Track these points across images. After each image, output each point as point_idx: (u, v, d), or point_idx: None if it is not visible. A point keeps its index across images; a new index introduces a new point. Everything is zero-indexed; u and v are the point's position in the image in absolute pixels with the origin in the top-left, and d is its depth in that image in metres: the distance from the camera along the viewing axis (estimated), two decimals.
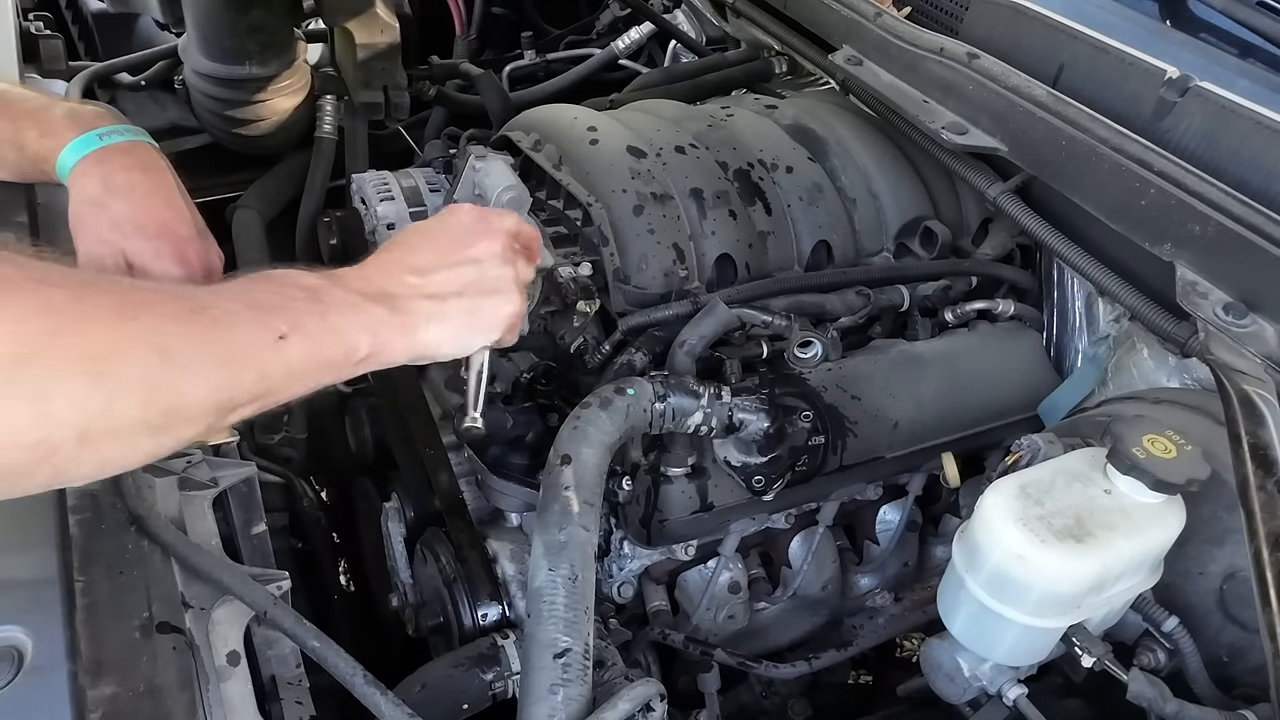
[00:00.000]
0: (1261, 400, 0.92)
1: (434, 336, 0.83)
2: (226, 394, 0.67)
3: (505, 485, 1.22)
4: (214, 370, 0.66)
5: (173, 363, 0.63)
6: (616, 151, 1.26)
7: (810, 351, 1.19)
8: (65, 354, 0.59)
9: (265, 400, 0.70)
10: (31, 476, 0.59)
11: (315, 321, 0.73)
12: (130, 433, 0.62)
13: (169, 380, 0.63)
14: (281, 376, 0.70)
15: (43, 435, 0.58)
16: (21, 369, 0.56)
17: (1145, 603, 0.99)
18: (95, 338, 0.60)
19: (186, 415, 0.65)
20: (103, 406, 0.60)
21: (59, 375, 0.58)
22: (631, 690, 0.86)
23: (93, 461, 0.62)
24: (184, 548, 0.84)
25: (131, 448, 0.64)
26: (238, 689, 0.81)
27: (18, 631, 0.67)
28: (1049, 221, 1.23)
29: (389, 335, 0.79)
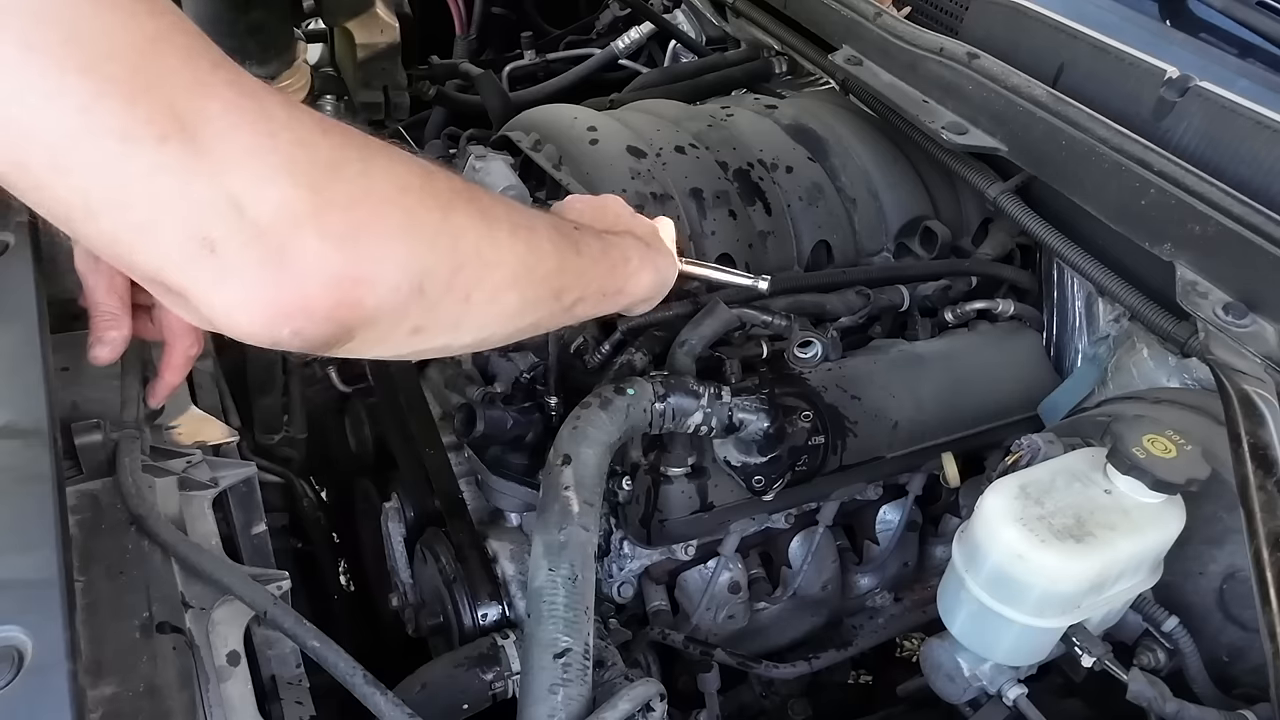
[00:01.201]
0: (1261, 400, 0.92)
1: (664, 262, 1.00)
2: (558, 263, 0.81)
3: (505, 485, 1.22)
4: (552, 236, 0.80)
5: (524, 218, 0.78)
6: (616, 151, 1.27)
7: (810, 351, 1.19)
8: (450, 188, 0.69)
9: (580, 290, 0.85)
10: (450, 291, 0.68)
11: (598, 235, 0.91)
12: (508, 267, 0.73)
13: (524, 225, 0.77)
14: (591, 262, 0.87)
15: (452, 242, 0.68)
16: (425, 189, 0.66)
17: (1145, 603, 0.99)
18: (468, 189, 0.72)
19: (539, 277, 0.78)
20: (486, 230, 0.71)
21: (453, 201, 0.69)
22: (631, 690, 0.86)
23: (485, 291, 0.72)
24: (184, 548, 0.84)
25: (508, 285, 0.74)
26: (238, 689, 0.81)
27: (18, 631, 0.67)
28: (1049, 221, 1.23)
29: (643, 259, 0.96)
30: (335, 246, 0.58)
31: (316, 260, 0.57)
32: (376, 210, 0.61)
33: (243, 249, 0.55)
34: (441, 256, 0.66)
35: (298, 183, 0.56)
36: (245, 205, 0.54)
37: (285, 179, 0.56)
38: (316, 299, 0.58)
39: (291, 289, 0.57)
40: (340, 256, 0.58)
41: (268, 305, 0.57)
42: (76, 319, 0.91)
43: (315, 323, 0.59)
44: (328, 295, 0.58)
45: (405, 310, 0.64)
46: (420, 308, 0.65)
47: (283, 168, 0.56)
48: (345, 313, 0.60)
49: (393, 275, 0.62)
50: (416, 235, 0.64)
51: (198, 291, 0.56)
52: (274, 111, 0.57)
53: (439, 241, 0.66)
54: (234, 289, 0.56)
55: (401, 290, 0.62)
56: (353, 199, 0.59)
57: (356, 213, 0.59)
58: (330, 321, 0.59)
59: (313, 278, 0.58)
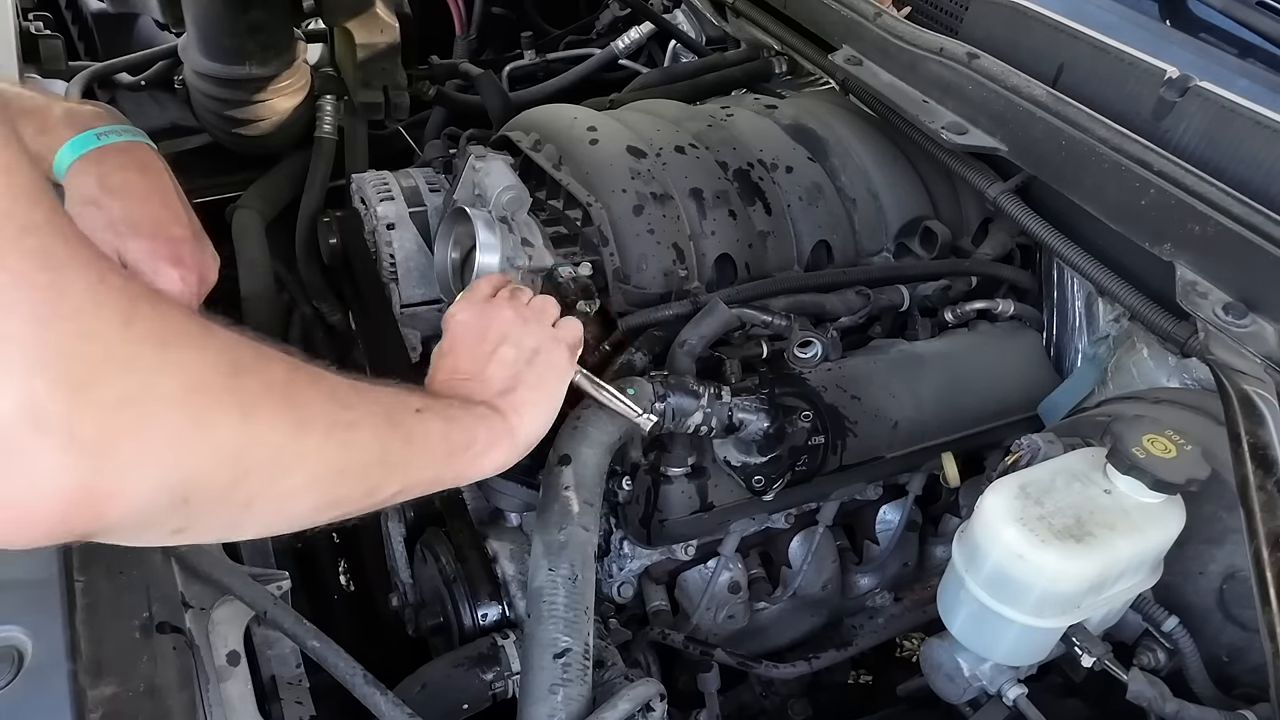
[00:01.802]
0: (1261, 400, 0.92)
1: (536, 422, 0.90)
2: (379, 454, 0.72)
3: (505, 485, 1.22)
4: (372, 427, 0.72)
5: (343, 407, 0.69)
6: (616, 151, 1.26)
7: (810, 351, 1.19)
8: (262, 381, 0.62)
9: (403, 480, 0.76)
10: (229, 498, 0.61)
11: (442, 407, 0.82)
12: (311, 470, 0.66)
13: (341, 422, 0.68)
14: (420, 450, 0.77)
15: (243, 448, 0.60)
16: (229, 385, 0.59)
17: (1145, 603, 0.99)
18: (280, 373, 0.64)
19: (351, 471, 0.70)
20: (292, 432, 0.63)
21: (259, 396, 0.61)
22: (631, 690, 0.86)
23: (277, 494, 0.65)
24: (184, 548, 0.84)
25: (309, 487, 0.67)
26: (238, 689, 0.81)
27: (18, 631, 0.67)
28: (1049, 221, 1.23)
29: (497, 431, 0.86)
30: (80, 456, 0.51)
31: (53, 471, 0.50)
32: (150, 414, 0.54)
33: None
34: (221, 465, 0.59)
35: (56, 380, 0.49)
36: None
37: (42, 374, 0.49)
38: (44, 511, 0.51)
39: (13, 498, 0.50)
40: (84, 467, 0.51)
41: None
42: None
43: (42, 533, 0.52)
44: (58, 508, 0.52)
45: (162, 518, 0.58)
46: (183, 515, 0.59)
47: (45, 361, 0.49)
48: (81, 524, 0.53)
49: (148, 488, 0.55)
50: (194, 443, 0.57)
51: None
52: (72, 293, 0.50)
53: (222, 450, 0.59)
54: None
55: (158, 501, 0.56)
56: (123, 401, 0.53)
57: (121, 417, 0.53)
58: (61, 532, 0.53)
59: (43, 489, 0.51)
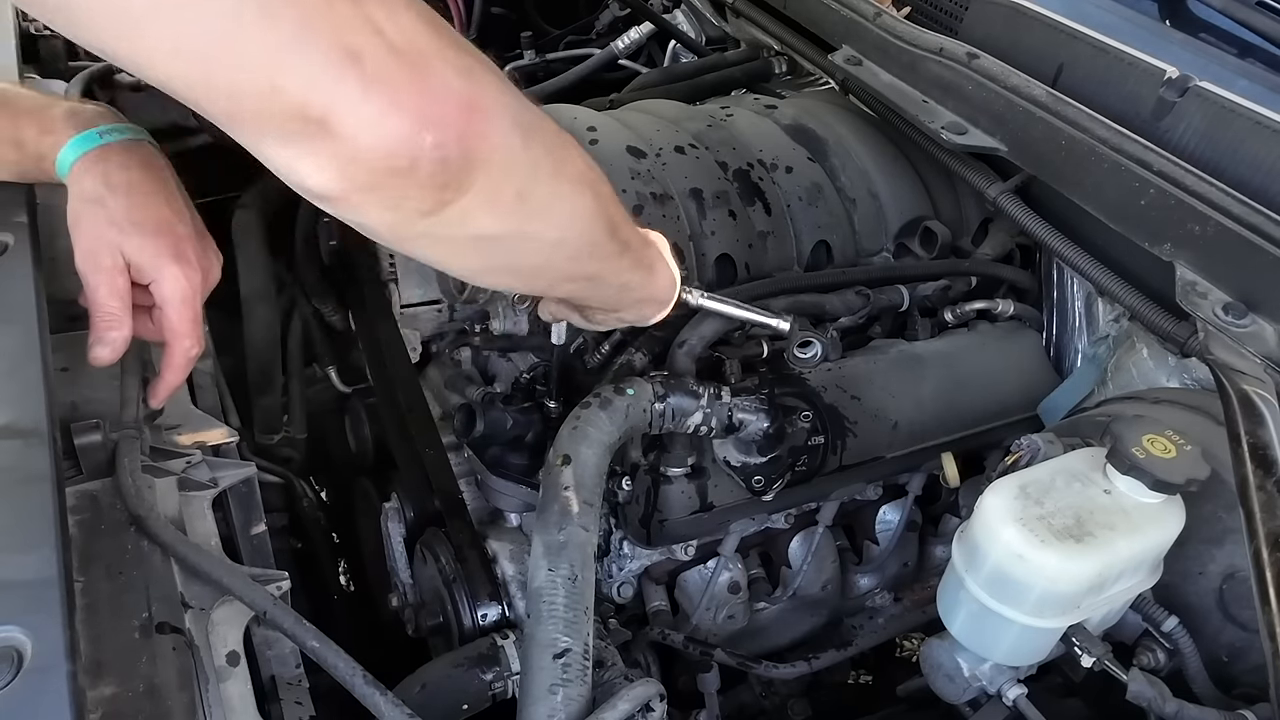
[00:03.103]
0: (1261, 400, 0.92)
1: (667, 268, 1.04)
2: (587, 276, 0.90)
3: (505, 485, 1.22)
4: (594, 264, 0.88)
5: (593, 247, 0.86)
6: (616, 151, 1.26)
7: (810, 351, 1.19)
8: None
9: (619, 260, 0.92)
10: (544, 156, 0.74)
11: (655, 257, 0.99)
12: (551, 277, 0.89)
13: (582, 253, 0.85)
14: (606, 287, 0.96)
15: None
16: None
17: (1145, 603, 0.99)
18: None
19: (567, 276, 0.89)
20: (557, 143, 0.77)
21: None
22: (631, 690, 0.86)
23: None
24: (184, 548, 0.84)
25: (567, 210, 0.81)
26: (237, 689, 0.81)
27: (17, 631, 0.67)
28: (1049, 221, 1.23)
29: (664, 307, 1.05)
30: (459, 76, 0.63)
31: (448, 80, 0.62)
32: (483, 65, 0.66)
33: (384, 59, 0.59)
34: (535, 127, 0.71)
35: (421, 18, 0.62)
36: (383, 27, 0.59)
37: (414, 16, 0.61)
38: (452, 112, 0.63)
39: (432, 97, 0.61)
40: (465, 85, 0.63)
41: (413, 111, 0.60)
42: (76, 319, 0.91)
43: (451, 138, 0.63)
44: (460, 113, 0.63)
45: (515, 161, 0.69)
46: (526, 164, 0.70)
47: (409, 7, 0.61)
48: (473, 139, 0.64)
49: (506, 119, 0.67)
50: (516, 100, 0.69)
51: (345, 104, 0.58)
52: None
53: (532, 114, 0.71)
54: (380, 96, 0.59)
55: (513, 137, 0.68)
56: (465, 48, 0.65)
57: (469, 59, 0.65)
58: (461, 143, 0.63)
59: (447, 94, 0.62)
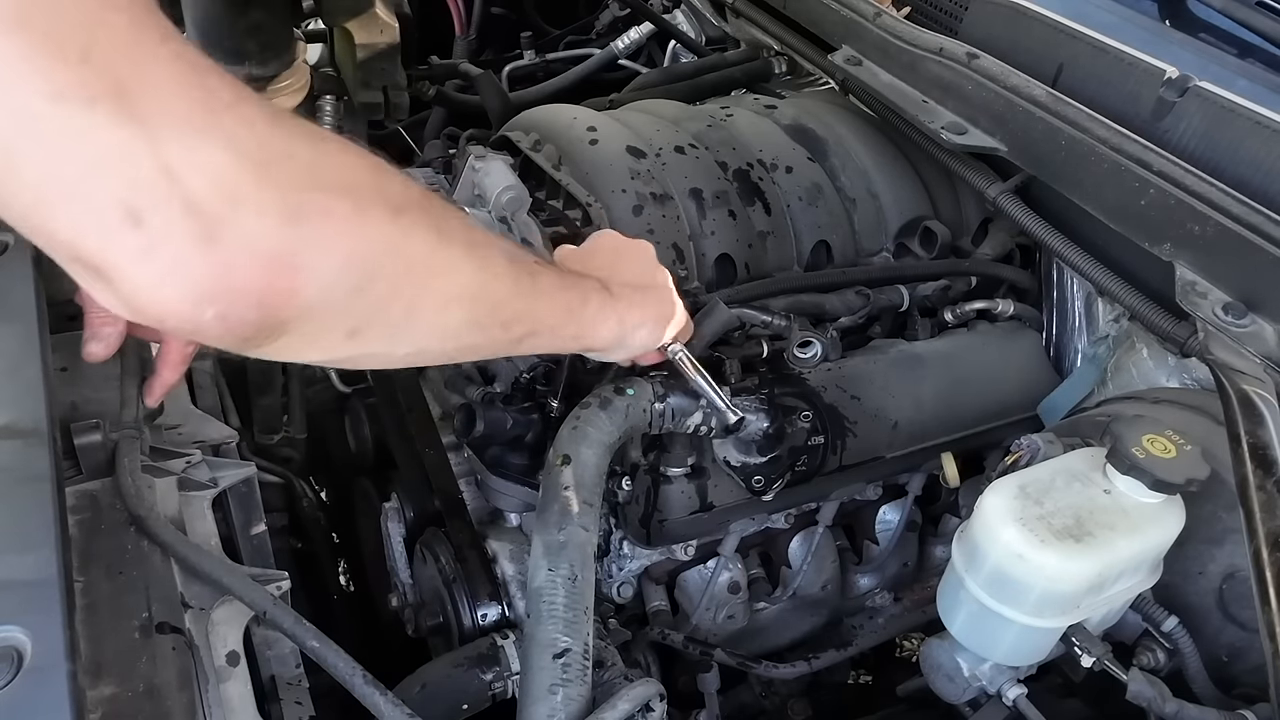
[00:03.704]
0: (1261, 400, 0.92)
1: (646, 331, 0.96)
2: (524, 327, 0.80)
3: (505, 485, 1.22)
4: (518, 327, 0.79)
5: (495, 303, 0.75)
6: (616, 151, 1.26)
7: (810, 351, 1.19)
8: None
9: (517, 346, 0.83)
10: (396, 291, 0.66)
11: (591, 315, 0.89)
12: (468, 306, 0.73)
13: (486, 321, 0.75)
14: (536, 346, 0.86)
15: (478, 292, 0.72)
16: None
17: (1145, 603, 0.99)
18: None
19: (497, 320, 0.77)
20: (436, 243, 0.68)
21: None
22: (631, 690, 0.86)
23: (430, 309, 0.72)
24: (184, 548, 0.84)
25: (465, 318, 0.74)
26: (237, 689, 0.81)
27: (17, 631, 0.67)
28: (1048, 221, 1.23)
29: (614, 324, 0.92)
30: (276, 225, 0.54)
31: (253, 237, 0.53)
32: (323, 198, 0.57)
33: (172, 221, 0.51)
34: (388, 257, 0.61)
35: (240, 158, 0.52)
36: (179, 175, 0.50)
37: (226, 153, 0.52)
38: (248, 279, 0.53)
39: (221, 266, 0.52)
40: (280, 236, 0.54)
41: (194, 282, 0.52)
42: (76, 319, 0.91)
43: (244, 307, 0.54)
44: (261, 276, 0.54)
45: (344, 308, 0.60)
46: (360, 308, 0.61)
47: (225, 142, 0.52)
48: (278, 300, 0.55)
49: (334, 267, 0.57)
50: (363, 230, 0.59)
51: (118, 266, 0.51)
52: (220, 92, 0.53)
53: (387, 241, 0.61)
54: (158, 263, 0.51)
55: (341, 285, 0.58)
56: (297, 183, 0.55)
57: (301, 196, 0.55)
58: (261, 308, 0.55)
59: (247, 256, 0.53)
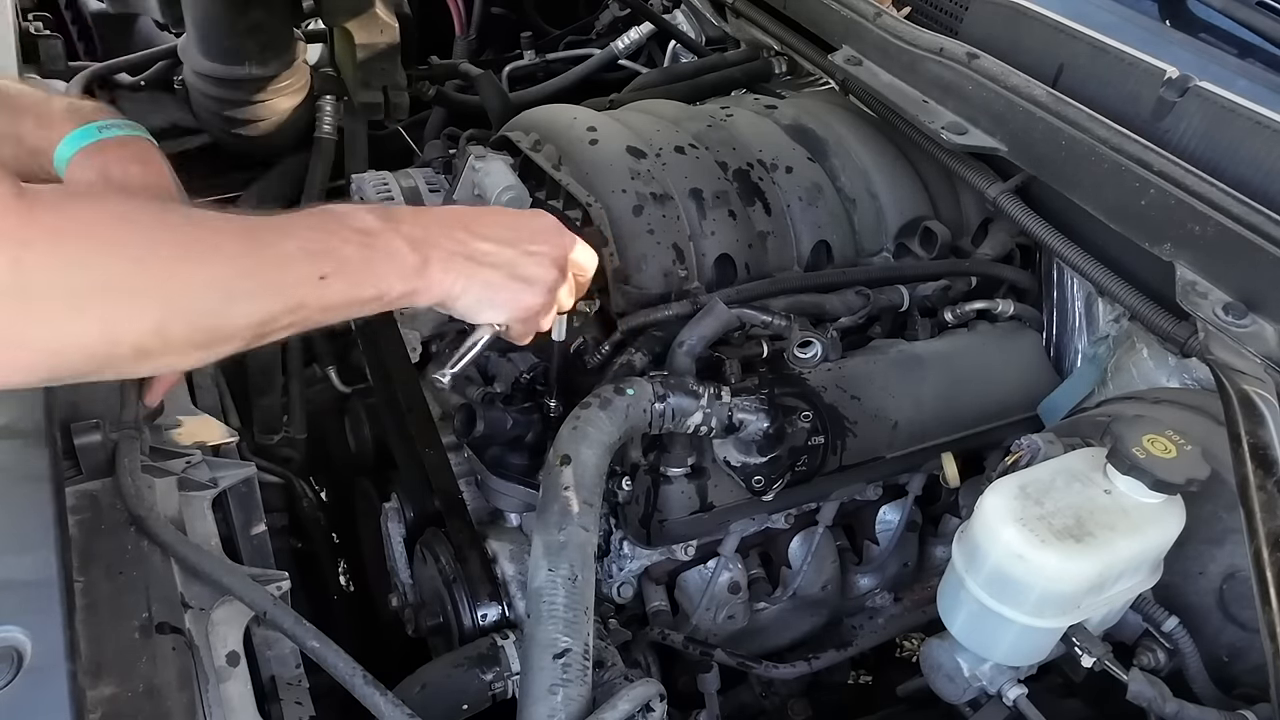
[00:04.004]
0: (1261, 400, 0.92)
1: (452, 290, 0.88)
2: (264, 319, 0.75)
3: (505, 485, 1.22)
4: (258, 302, 0.74)
5: (224, 295, 0.72)
6: (616, 152, 1.26)
7: (810, 351, 1.19)
8: (134, 286, 0.67)
9: (298, 326, 0.78)
10: (99, 374, 0.69)
11: (358, 266, 0.80)
12: (178, 349, 0.71)
13: (218, 311, 0.72)
14: (317, 309, 0.78)
15: (107, 351, 0.67)
16: (92, 295, 0.65)
17: (1145, 603, 0.99)
18: (159, 272, 0.69)
19: (227, 336, 0.74)
20: (156, 329, 0.68)
21: (125, 303, 0.67)
22: (631, 690, 0.86)
23: (147, 369, 0.74)
24: (184, 548, 0.84)
25: (181, 359, 0.75)
26: (237, 689, 0.81)
27: (17, 631, 0.67)
28: (1049, 221, 1.23)
29: (415, 283, 0.85)
30: None
31: None
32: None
33: None
34: (90, 364, 0.67)
35: None
36: None
37: None
38: None
39: None
40: None
41: None
42: None
43: None
44: None
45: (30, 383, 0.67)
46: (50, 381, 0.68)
47: None
48: None
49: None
50: (61, 352, 0.65)
51: None
52: None
53: (90, 354, 0.67)
54: None
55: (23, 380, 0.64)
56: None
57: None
58: None
59: None
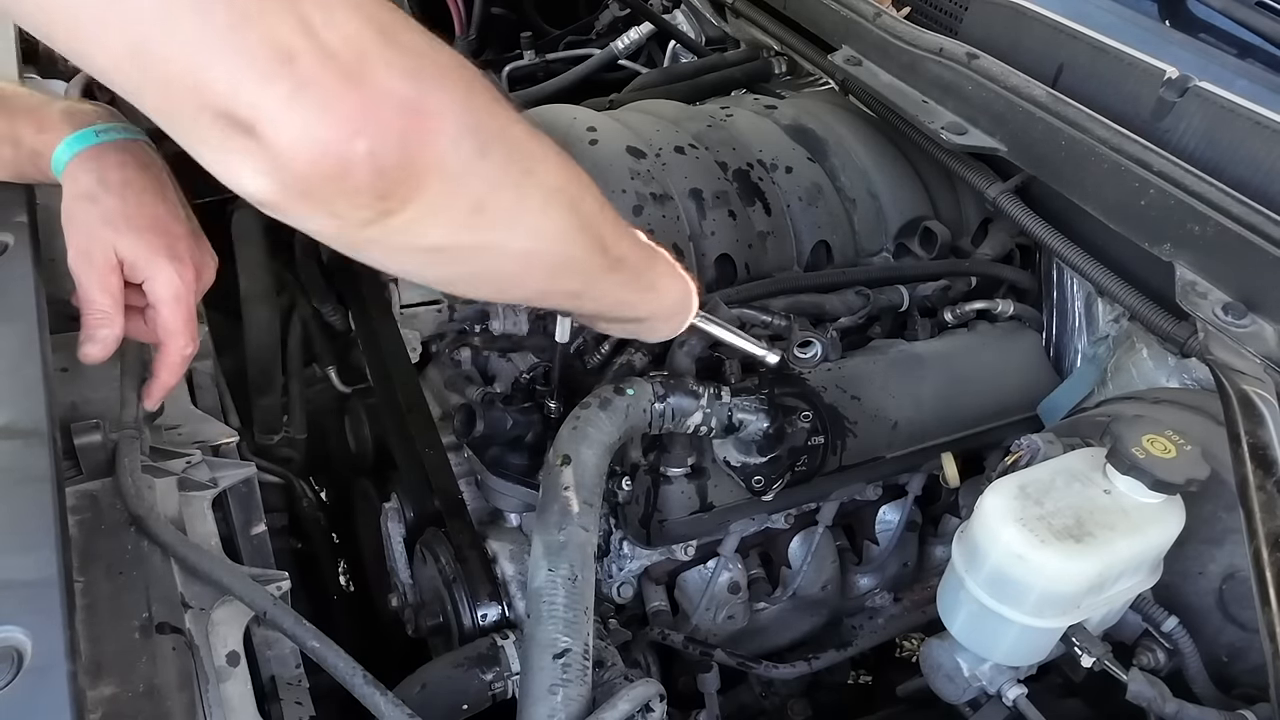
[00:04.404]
0: (1261, 400, 0.92)
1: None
2: (615, 253, 0.85)
3: (505, 485, 1.22)
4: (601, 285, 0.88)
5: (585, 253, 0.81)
6: (616, 152, 1.26)
7: (810, 351, 1.19)
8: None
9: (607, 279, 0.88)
10: (506, 170, 0.69)
11: (663, 272, 0.97)
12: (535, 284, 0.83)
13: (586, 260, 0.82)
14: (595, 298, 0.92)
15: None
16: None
17: (1145, 603, 0.99)
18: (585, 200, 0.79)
19: (580, 271, 0.83)
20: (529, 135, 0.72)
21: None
22: (631, 690, 0.86)
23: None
24: (184, 548, 0.84)
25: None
26: (237, 689, 0.81)
27: (17, 631, 0.67)
28: (1048, 221, 1.23)
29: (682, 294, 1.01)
30: (402, 79, 0.59)
31: (388, 85, 0.58)
32: (439, 68, 0.62)
33: (319, 62, 0.55)
34: (498, 133, 0.66)
35: (366, 21, 0.58)
36: (316, 29, 0.55)
37: (355, 15, 0.57)
38: (390, 116, 0.58)
39: (368, 100, 0.57)
40: (407, 87, 0.59)
41: (344, 115, 0.57)
42: (76, 319, 0.91)
43: (389, 144, 0.59)
44: (400, 116, 0.59)
45: (468, 170, 0.64)
46: (482, 174, 0.65)
47: (350, 7, 0.57)
48: (418, 141, 0.60)
49: (456, 125, 0.62)
50: (476, 104, 0.64)
51: (272, 105, 0.55)
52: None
53: (493, 117, 0.66)
54: (309, 102, 0.56)
55: (465, 145, 0.63)
56: (417, 51, 0.61)
57: (421, 61, 0.61)
58: (403, 148, 0.60)
59: (385, 96, 0.58)
